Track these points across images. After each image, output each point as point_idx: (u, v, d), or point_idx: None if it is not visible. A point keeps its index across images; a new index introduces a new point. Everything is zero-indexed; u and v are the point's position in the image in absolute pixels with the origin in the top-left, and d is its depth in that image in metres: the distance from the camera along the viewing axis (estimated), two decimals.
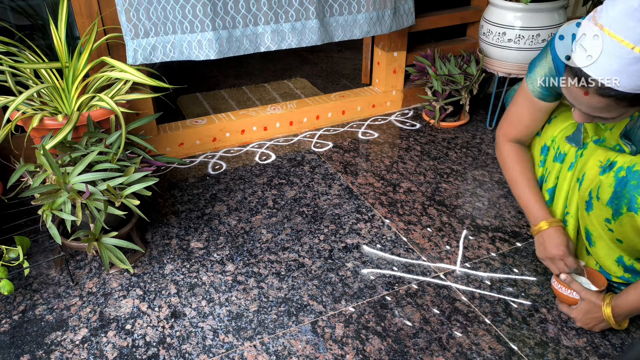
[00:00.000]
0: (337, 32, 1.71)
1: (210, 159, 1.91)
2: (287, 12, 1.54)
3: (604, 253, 1.18)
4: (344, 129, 2.12)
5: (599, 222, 1.13)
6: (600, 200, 1.09)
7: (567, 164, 1.22)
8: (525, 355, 1.12)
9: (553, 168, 1.26)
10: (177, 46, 1.55)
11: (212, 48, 1.55)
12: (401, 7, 1.87)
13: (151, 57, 1.54)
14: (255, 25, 1.56)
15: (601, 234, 1.15)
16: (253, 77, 2.66)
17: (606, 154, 1.12)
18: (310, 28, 1.58)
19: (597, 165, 1.12)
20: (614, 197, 1.05)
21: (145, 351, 1.14)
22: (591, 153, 1.16)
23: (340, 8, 1.63)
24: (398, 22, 1.89)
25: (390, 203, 1.64)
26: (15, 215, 1.54)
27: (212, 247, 1.46)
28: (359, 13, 1.67)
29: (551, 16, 1.90)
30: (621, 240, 1.11)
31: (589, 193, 1.13)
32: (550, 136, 1.27)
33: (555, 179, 1.26)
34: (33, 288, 1.32)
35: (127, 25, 1.49)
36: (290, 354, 1.13)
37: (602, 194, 1.08)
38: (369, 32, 1.80)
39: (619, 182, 1.04)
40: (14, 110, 1.29)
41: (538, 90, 1.19)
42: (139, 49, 1.52)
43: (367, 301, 1.27)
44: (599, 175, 1.10)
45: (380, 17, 1.75)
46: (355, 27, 1.73)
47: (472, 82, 2.00)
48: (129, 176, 1.28)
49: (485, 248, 1.45)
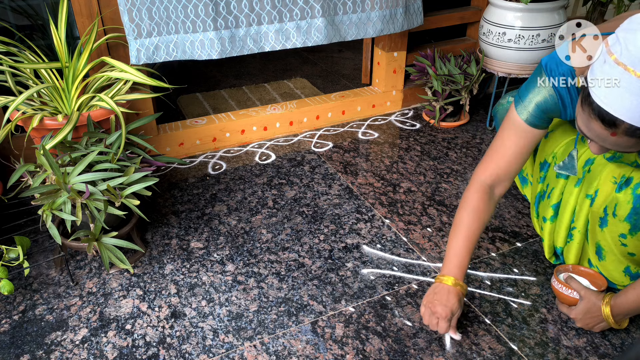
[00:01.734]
0: (350, 31, 1.66)
1: (210, 159, 1.91)
2: (292, 11, 1.51)
3: (613, 267, 1.18)
4: (344, 129, 2.12)
5: (613, 237, 1.12)
6: (617, 217, 1.08)
7: (574, 180, 1.21)
8: (525, 355, 1.12)
9: (557, 184, 1.25)
10: (179, 46, 1.55)
11: (213, 48, 1.55)
12: (411, 5, 1.85)
13: (154, 57, 1.54)
14: (259, 24, 1.53)
15: (612, 248, 1.15)
16: (253, 77, 2.66)
17: (620, 170, 1.10)
18: (316, 27, 1.55)
19: (611, 182, 1.11)
20: (632, 213, 1.05)
21: (145, 351, 1.14)
22: (602, 169, 1.14)
23: (354, 6, 1.59)
24: (409, 21, 1.85)
25: (390, 203, 1.64)
26: (15, 215, 1.54)
27: (212, 247, 1.46)
28: (372, 11, 1.62)
29: (551, 16, 1.90)
30: (634, 254, 1.11)
31: (604, 209, 1.12)
32: (551, 152, 1.26)
33: (559, 194, 1.25)
34: (33, 288, 1.32)
35: (129, 25, 1.48)
36: (290, 354, 1.13)
37: (619, 210, 1.07)
38: (382, 31, 1.74)
39: (638, 198, 1.04)
40: (14, 110, 1.29)
41: (531, 118, 1.10)
42: (142, 48, 1.52)
43: (367, 301, 1.27)
44: (614, 192, 1.09)
45: (393, 15, 1.70)
46: (368, 25, 1.68)
47: (472, 82, 2.01)
48: (129, 176, 1.28)
49: (485, 248, 1.45)
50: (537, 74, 1.10)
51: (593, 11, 2.17)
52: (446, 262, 1.16)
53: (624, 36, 0.82)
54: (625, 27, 0.83)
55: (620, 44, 0.82)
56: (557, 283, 1.20)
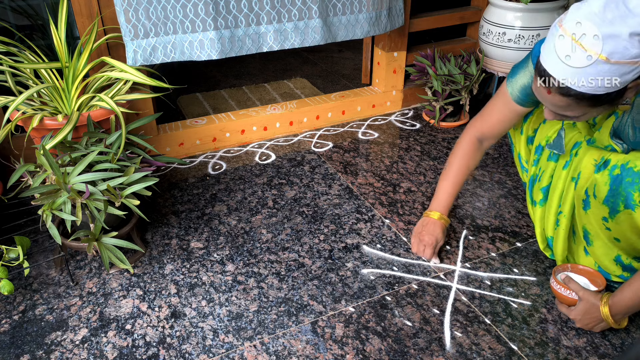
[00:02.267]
0: (340, 32, 1.74)
1: (210, 159, 1.91)
2: (290, 12, 1.54)
3: (602, 252, 1.18)
4: (344, 129, 2.12)
5: (597, 220, 1.13)
6: (597, 198, 1.09)
7: (562, 162, 1.23)
8: (525, 355, 1.12)
9: (547, 167, 1.27)
10: (178, 46, 1.54)
11: (214, 48, 1.54)
12: (393, 7, 1.90)
13: (151, 59, 1.54)
14: (257, 24, 1.55)
15: (599, 232, 1.15)
16: (253, 77, 2.66)
17: (600, 152, 1.12)
18: (313, 27, 1.58)
19: (592, 164, 1.13)
20: (610, 195, 1.06)
21: (145, 351, 1.14)
22: (585, 152, 1.16)
23: (344, 7, 1.66)
24: (392, 23, 1.92)
25: (390, 203, 1.64)
26: (15, 215, 1.54)
27: (212, 247, 1.46)
28: (360, 13, 1.70)
29: (551, 16, 1.90)
30: (619, 239, 1.12)
31: (585, 191, 1.13)
32: (545, 136, 1.28)
33: (549, 177, 1.27)
34: (33, 288, 1.32)
35: (126, 25, 1.48)
36: (290, 354, 1.13)
37: (598, 192, 1.09)
38: (369, 32, 1.82)
39: (614, 180, 1.05)
40: (14, 110, 1.29)
41: (517, 94, 1.22)
42: (139, 50, 1.51)
43: (367, 301, 1.27)
44: (594, 173, 1.10)
45: (378, 17, 1.79)
46: (357, 26, 1.75)
47: (472, 82, 2.01)
48: (129, 176, 1.28)
49: (485, 248, 1.45)
50: (527, 56, 1.18)
51: None
52: (434, 199, 1.41)
53: (571, 8, 0.93)
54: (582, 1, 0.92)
55: (568, 13, 0.92)
56: (555, 284, 1.20)
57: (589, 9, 0.88)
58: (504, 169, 1.82)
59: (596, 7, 0.87)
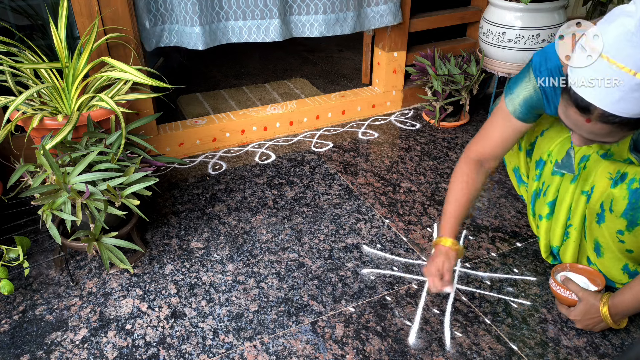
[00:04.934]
0: (296, 29, 1.90)
1: (210, 159, 1.91)
2: (253, 12, 1.77)
3: (611, 264, 1.18)
4: (344, 129, 2.12)
5: (610, 234, 1.12)
6: (613, 212, 1.09)
7: (569, 177, 1.21)
8: (525, 355, 1.12)
9: (552, 181, 1.25)
10: (178, 34, 1.75)
11: (200, 40, 1.74)
12: (370, 9, 1.97)
13: (159, 43, 1.76)
14: (227, 20, 1.80)
15: (610, 245, 1.15)
16: (253, 77, 2.66)
17: (615, 165, 1.11)
18: (273, 26, 1.80)
19: (606, 177, 1.11)
20: (629, 208, 1.05)
21: (145, 351, 1.14)
22: (597, 165, 1.15)
23: (299, 9, 1.84)
24: (361, 24, 1.98)
25: (390, 203, 1.64)
26: (15, 215, 1.54)
27: (212, 247, 1.46)
28: (317, 14, 1.86)
29: (551, 16, 1.90)
30: (632, 250, 1.11)
31: (600, 205, 1.12)
32: (546, 150, 1.26)
33: (555, 192, 1.26)
34: (33, 288, 1.32)
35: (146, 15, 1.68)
36: (290, 354, 1.13)
37: (615, 206, 1.08)
38: (328, 32, 1.91)
39: (633, 193, 1.04)
40: (14, 110, 1.29)
41: (518, 110, 1.15)
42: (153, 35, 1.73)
43: (367, 301, 1.27)
44: (610, 187, 1.09)
45: (341, 19, 1.90)
46: (314, 25, 1.88)
47: (472, 82, 2.00)
48: (129, 176, 1.28)
49: (485, 248, 1.45)
50: (527, 68, 1.13)
51: (593, 11, 2.17)
52: (444, 224, 1.24)
53: (600, 26, 0.86)
54: (604, 19, 0.87)
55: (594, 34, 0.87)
56: (554, 285, 1.20)
57: (624, 29, 0.82)
58: (504, 169, 1.82)
59: (631, 26, 0.81)
